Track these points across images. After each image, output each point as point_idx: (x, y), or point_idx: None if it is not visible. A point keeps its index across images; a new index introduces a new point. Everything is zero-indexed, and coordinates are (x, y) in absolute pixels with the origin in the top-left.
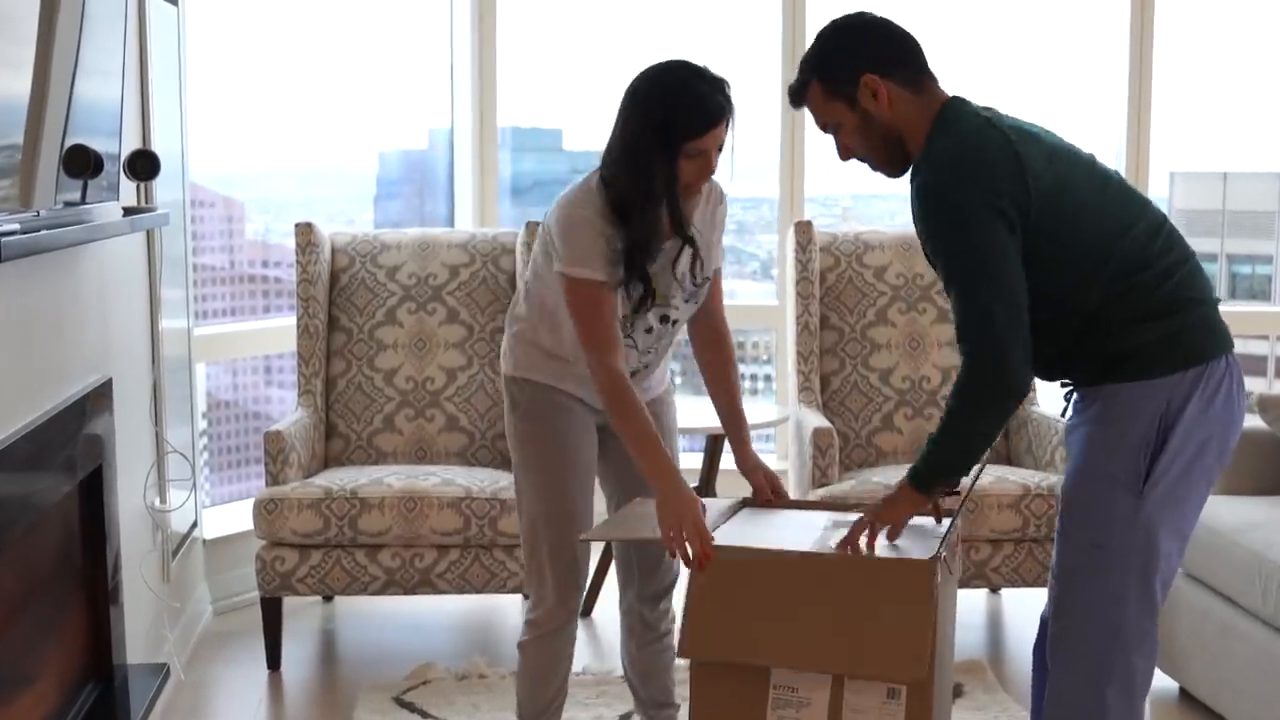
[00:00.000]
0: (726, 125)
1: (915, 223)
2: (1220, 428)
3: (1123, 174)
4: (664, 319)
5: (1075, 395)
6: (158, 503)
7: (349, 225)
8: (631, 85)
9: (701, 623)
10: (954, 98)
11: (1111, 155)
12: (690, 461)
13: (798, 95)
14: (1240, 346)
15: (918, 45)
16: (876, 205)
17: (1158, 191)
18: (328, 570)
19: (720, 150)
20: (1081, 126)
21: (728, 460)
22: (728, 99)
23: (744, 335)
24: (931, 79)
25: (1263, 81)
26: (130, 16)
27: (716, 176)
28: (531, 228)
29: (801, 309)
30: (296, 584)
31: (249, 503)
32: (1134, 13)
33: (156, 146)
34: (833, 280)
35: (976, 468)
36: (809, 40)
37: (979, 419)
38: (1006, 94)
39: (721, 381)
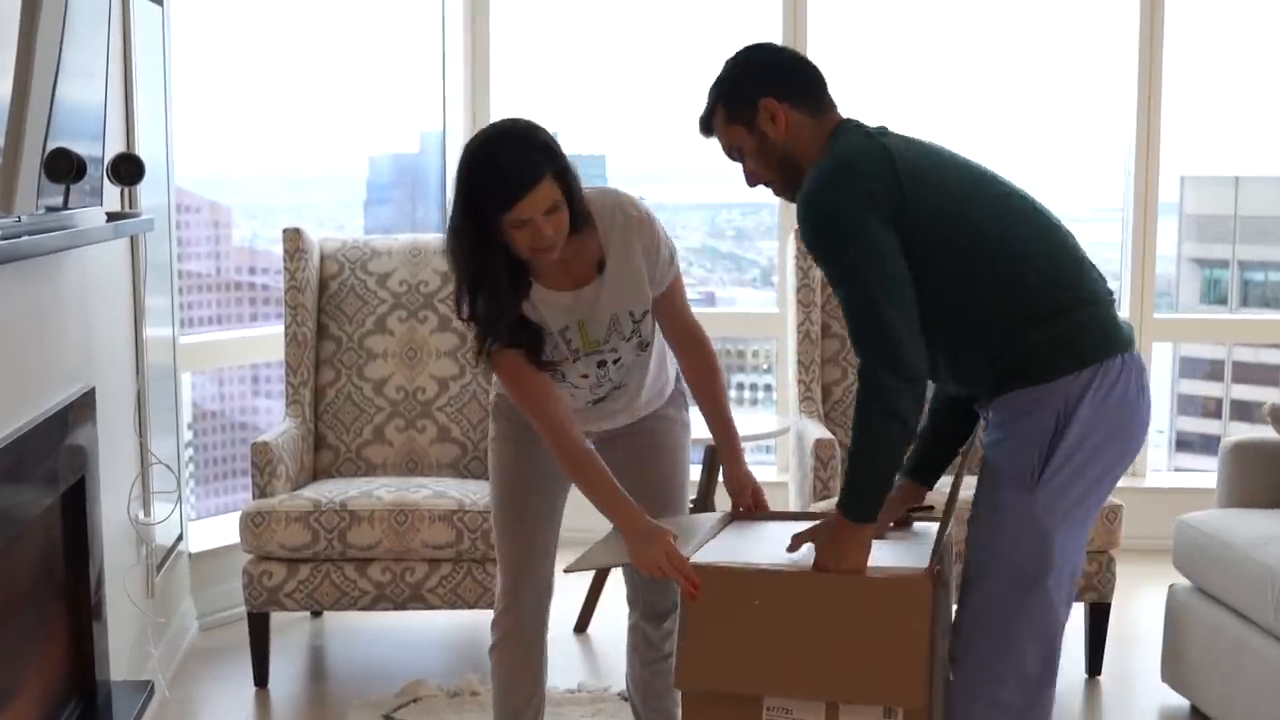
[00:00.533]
0: (547, 186)
1: (801, 233)
2: (1118, 425)
3: (1131, 177)
4: (601, 364)
5: (987, 411)
6: (142, 515)
7: (338, 231)
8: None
9: (694, 651)
10: (846, 120)
11: (1121, 159)
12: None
13: (706, 121)
14: (1252, 356)
15: (820, 75)
16: None
17: (1168, 196)
18: (316, 585)
19: (552, 211)
20: (1090, 130)
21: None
22: (545, 156)
23: (743, 344)
24: (832, 106)
25: (1276, 83)
26: (114, 16)
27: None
28: None
29: (803, 317)
30: (284, 599)
31: (235, 516)
32: (1144, 14)
33: (141, 150)
34: None
35: (953, 476)
36: (811, 41)
37: (889, 407)
38: (1016, 97)
39: (704, 388)
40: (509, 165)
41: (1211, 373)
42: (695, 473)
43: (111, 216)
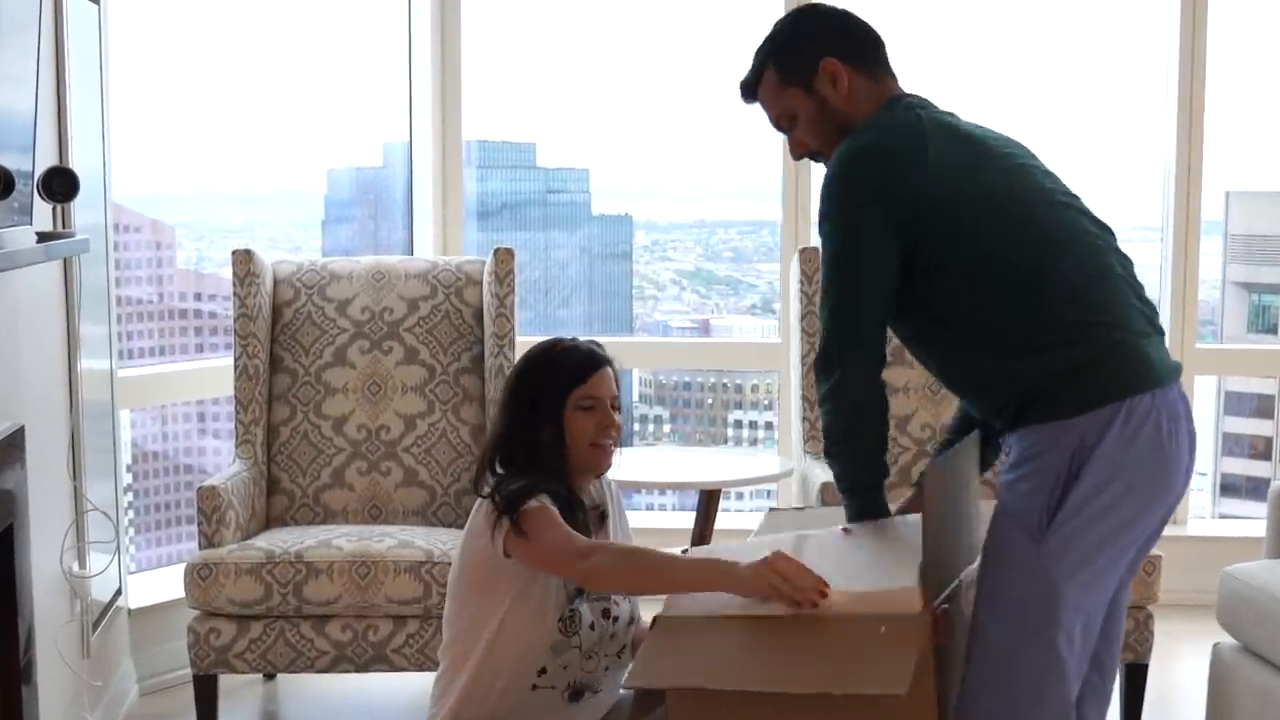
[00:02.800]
0: (611, 375)
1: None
2: (1143, 472)
3: (1171, 192)
4: (605, 614)
5: (1008, 440)
6: (76, 567)
7: (294, 253)
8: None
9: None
10: (902, 95)
11: (1159, 172)
12: (682, 520)
13: (751, 85)
14: None
15: (880, 38)
16: None
17: (1212, 214)
18: (269, 644)
19: (615, 407)
20: (1126, 141)
21: (723, 519)
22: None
23: (741, 377)
24: (890, 74)
25: None
26: (45, 16)
27: None
28: (501, 255)
29: (807, 348)
30: (234, 660)
31: (180, 568)
32: (1185, 15)
33: (75, 163)
34: None
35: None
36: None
37: (837, 385)
38: (1045, 102)
39: None
40: (579, 346)
41: (1260, 409)
42: (681, 518)
43: (42, 237)
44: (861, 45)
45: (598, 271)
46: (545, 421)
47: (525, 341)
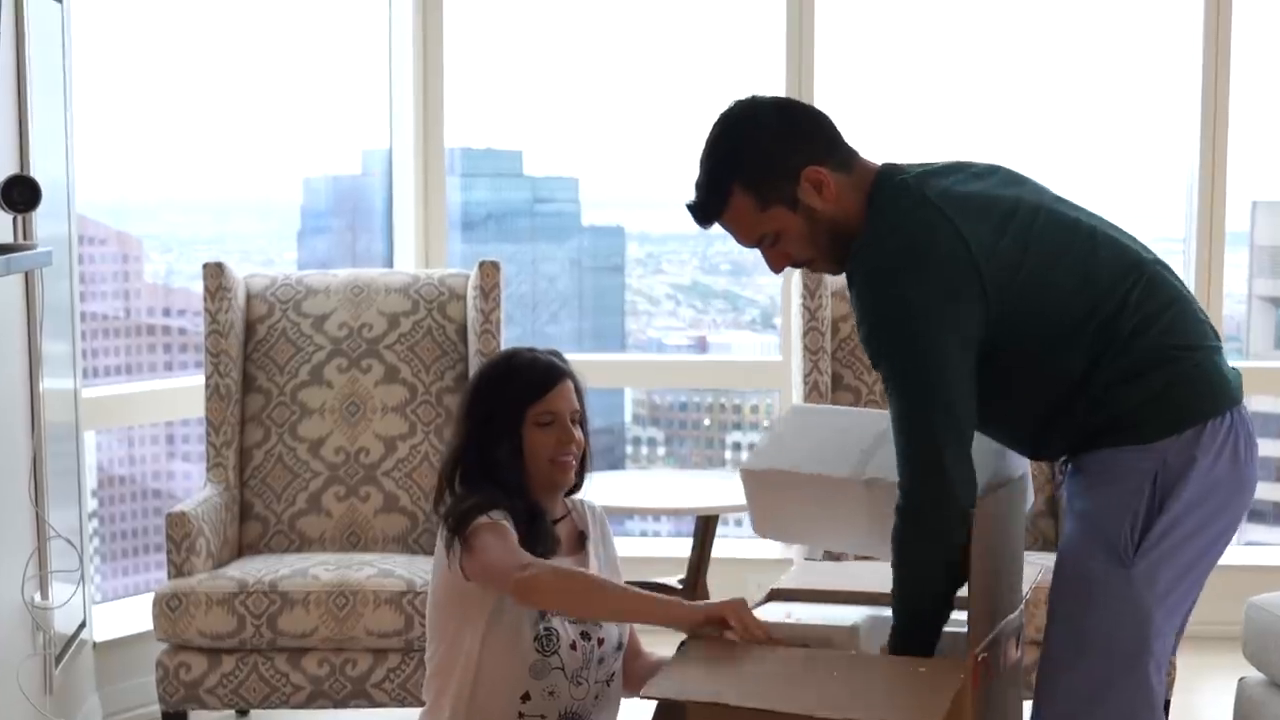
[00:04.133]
0: (572, 388)
1: (856, 313)
2: (1227, 493)
3: (1194, 202)
4: (585, 635)
5: (1069, 465)
6: (38, 599)
7: (267, 266)
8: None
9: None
10: (883, 169)
11: (1182, 181)
12: (678, 548)
13: (714, 210)
14: None
15: (830, 119)
16: None
17: (1237, 225)
18: (242, 679)
19: (576, 422)
20: (1147, 148)
21: (721, 546)
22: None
23: (740, 397)
24: (854, 151)
25: None
26: (4, 15)
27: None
28: (486, 268)
29: (810, 366)
30: (205, 695)
31: (148, 598)
32: (1208, 24)
33: (36, 172)
34: (847, 331)
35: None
36: (817, 51)
37: (930, 531)
38: (1063, 109)
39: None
40: (538, 359)
41: None
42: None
43: (2, 249)
44: (826, 137)
45: (588, 285)
46: (503, 437)
47: None
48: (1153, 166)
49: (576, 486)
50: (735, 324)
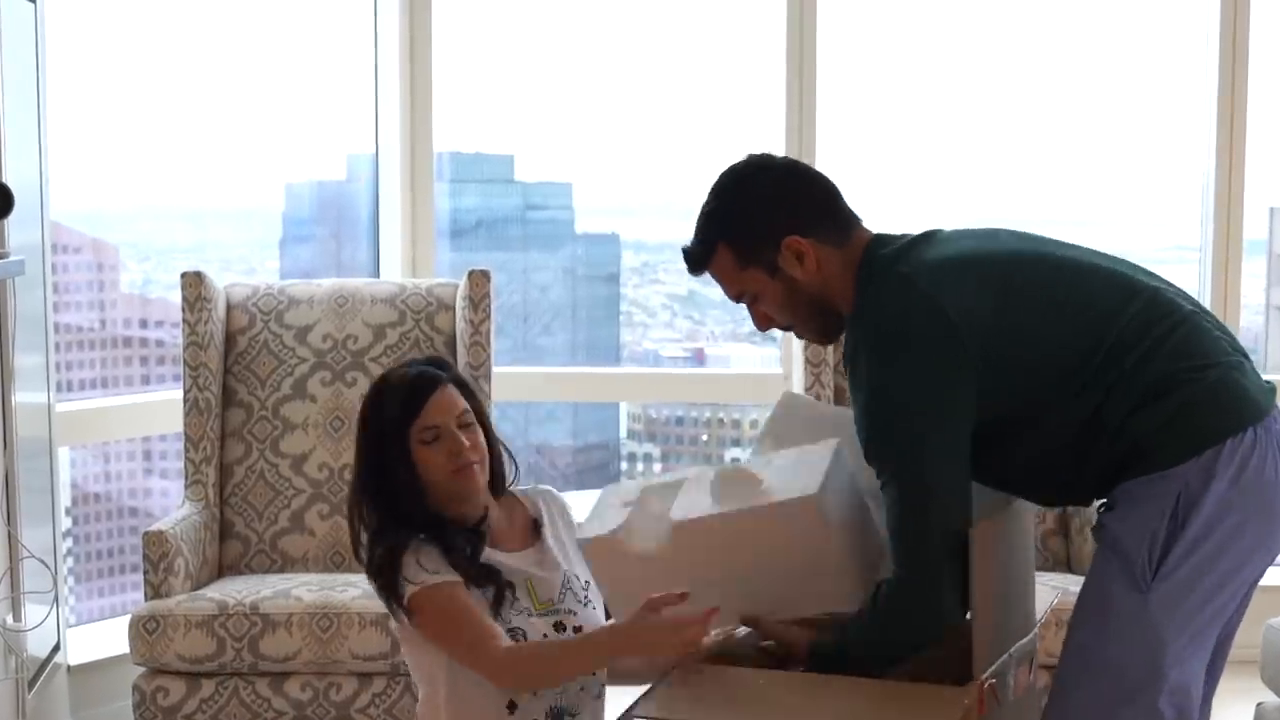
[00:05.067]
0: (451, 392)
1: (851, 389)
2: (1253, 510)
3: (1210, 209)
4: (558, 626)
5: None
6: (10, 620)
7: (248, 275)
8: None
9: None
10: (871, 241)
11: (1197, 187)
12: None
13: (699, 261)
14: None
15: (835, 188)
16: None
17: (1255, 232)
18: (222, 704)
19: (465, 426)
20: (1160, 153)
21: None
22: (440, 368)
23: (739, 412)
24: (854, 222)
25: None
26: None
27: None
28: (476, 277)
29: (812, 379)
30: None
31: (124, 620)
32: (1225, 24)
33: (9, 177)
34: None
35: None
36: (819, 54)
37: (908, 635)
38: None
39: None
40: (405, 375)
41: None
42: None
43: None
44: (822, 209)
45: (582, 295)
46: (396, 465)
47: (503, 373)
48: (1166, 172)
49: (498, 485)
50: (734, 336)
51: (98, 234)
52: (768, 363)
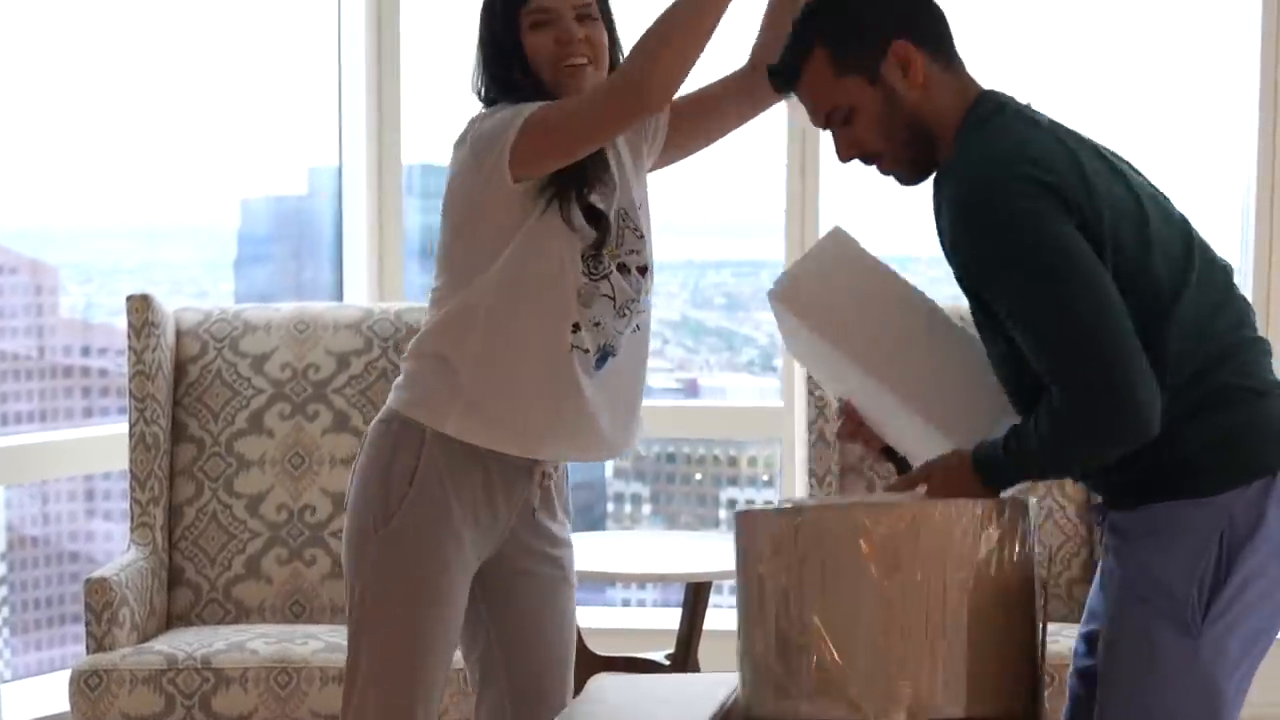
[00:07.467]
0: None
1: (949, 247)
2: None
3: (1250, 219)
4: (622, 268)
5: (1112, 515)
6: None
7: (200, 298)
8: None
9: None
10: (988, 91)
11: (1237, 196)
12: (665, 619)
13: (792, 71)
14: None
15: (946, 18)
16: (916, 270)
17: None
18: None
19: (585, 18)
20: (1198, 159)
21: (714, 617)
22: None
23: (737, 448)
24: (963, 64)
25: None
26: None
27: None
28: None
29: (815, 413)
30: None
31: (64, 675)
32: (1266, 23)
33: None
34: None
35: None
36: None
37: (1082, 450)
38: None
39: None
40: None
41: None
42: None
43: None
44: (935, 27)
45: None
46: (511, 56)
47: None
48: (1200, 177)
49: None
50: (731, 365)
51: (36, 254)
52: (768, 395)
